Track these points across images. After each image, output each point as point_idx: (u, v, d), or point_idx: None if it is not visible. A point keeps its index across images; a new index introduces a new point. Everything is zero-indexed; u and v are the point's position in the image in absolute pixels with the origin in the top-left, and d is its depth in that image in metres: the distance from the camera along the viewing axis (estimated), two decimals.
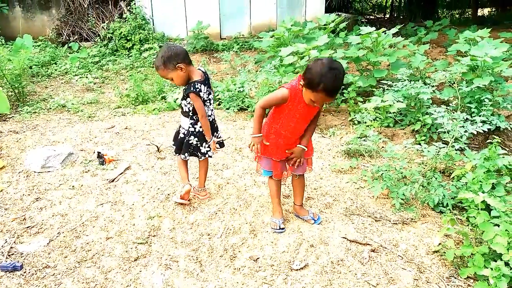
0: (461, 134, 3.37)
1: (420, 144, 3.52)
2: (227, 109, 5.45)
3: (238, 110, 5.42)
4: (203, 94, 2.92)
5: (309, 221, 2.94)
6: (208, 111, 3.02)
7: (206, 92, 2.95)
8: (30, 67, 7.30)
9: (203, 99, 2.94)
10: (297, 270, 2.49)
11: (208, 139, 3.06)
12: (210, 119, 3.05)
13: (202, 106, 2.92)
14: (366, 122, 4.22)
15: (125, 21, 8.79)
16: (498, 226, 2.39)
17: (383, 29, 5.50)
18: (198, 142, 3.08)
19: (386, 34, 5.45)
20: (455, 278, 2.42)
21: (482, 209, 2.45)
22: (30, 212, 3.18)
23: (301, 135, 2.72)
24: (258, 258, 2.60)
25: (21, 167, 3.88)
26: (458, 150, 3.47)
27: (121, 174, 3.74)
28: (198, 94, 2.88)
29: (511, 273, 2.14)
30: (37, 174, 3.77)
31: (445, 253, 2.55)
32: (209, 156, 3.18)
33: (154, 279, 2.46)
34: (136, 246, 2.76)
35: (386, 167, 3.37)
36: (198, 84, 2.88)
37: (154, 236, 2.87)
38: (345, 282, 2.39)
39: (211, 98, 3.05)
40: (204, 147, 3.12)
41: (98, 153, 3.99)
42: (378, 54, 5.35)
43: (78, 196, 3.40)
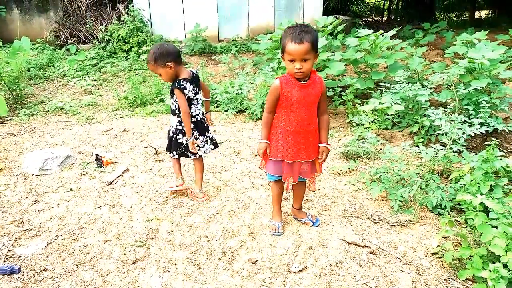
0: (459, 136, 3.38)
1: (418, 146, 3.53)
2: (226, 111, 5.45)
3: (236, 112, 5.42)
4: (188, 92, 3.02)
5: (307, 223, 2.94)
6: (195, 110, 3.12)
7: (192, 90, 3.05)
8: (28, 70, 7.29)
9: (189, 97, 3.04)
10: (295, 272, 2.49)
11: (187, 137, 3.09)
12: (198, 118, 3.15)
13: (185, 103, 3.01)
14: (364, 124, 4.23)
15: (123, 23, 8.80)
16: (496, 228, 2.40)
17: (381, 31, 5.52)
18: (187, 141, 3.13)
19: (383, 36, 5.46)
20: (454, 280, 2.42)
21: (480, 211, 2.45)
22: (28, 214, 3.17)
23: (311, 129, 2.56)
24: (256, 261, 2.60)
25: (19, 170, 3.87)
26: (456, 152, 3.48)
27: (119, 176, 3.73)
28: (182, 91, 2.98)
29: (510, 275, 2.14)
30: (35, 176, 3.76)
31: (443, 255, 2.56)
32: (199, 155, 3.23)
33: (153, 282, 2.45)
34: (134, 249, 2.75)
35: (384, 169, 3.38)
36: (183, 81, 2.99)
37: (152, 238, 2.86)
38: (343, 285, 2.39)
39: (199, 97, 3.14)
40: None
41: (96, 155, 3.98)
42: (376, 57, 5.36)
43: (76, 198, 3.40)
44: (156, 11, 9.48)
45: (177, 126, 3.15)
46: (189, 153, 3.20)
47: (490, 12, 15.54)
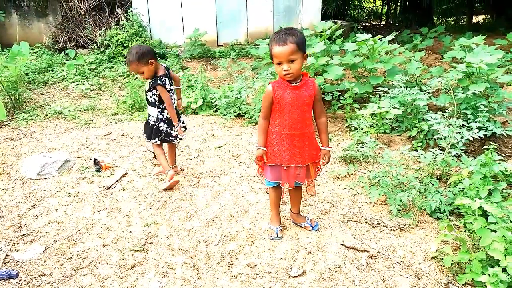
0: (457, 140, 3.39)
1: (416, 150, 3.54)
2: (224, 115, 5.45)
3: (235, 116, 5.42)
4: (168, 86, 3.44)
5: (306, 227, 2.93)
6: (172, 100, 3.50)
7: (169, 84, 3.46)
8: (27, 74, 7.29)
9: (167, 90, 3.43)
10: (294, 277, 2.48)
11: (175, 124, 3.54)
12: (174, 106, 3.54)
13: (169, 96, 3.43)
14: (362, 129, 4.24)
15: (122, 28, 8.81)
16: (495, 232, 2.40)
17: (379, 36, 5.53)
18: (168, 128, 3.55)
19: (382, 41, 5.48)
20: (453, 284, 2.42)
21: (479, 215, 2.45)
22: (26, 219, 3.16)
23: (305, 132, 2.55)
24: (255, 265, 2.59)
25: (17, 174, 3.86)
26: (454, 156, 3.48)
27: (117, 181, 3.73)
28: (164, 86, 3.39)
29: (509, 279, 2.14)
30: (33, 181, 3.75)
31: (442, 259, 2.55)
32: (179, 138, 3.65)
33: (151, 287, 2.44)
34: (132, 254, 2.74)
35: (383, 173, 3.38)
36: (163, 78, 3.39)
37: (151, 243, 2.85)
38: None
39: (173, 89, 3.56)
40: (174, 131, 3.58)
41: (95, 160, 3.98)
42: (374, 61, 5.38)
43: (74, 203, 3.39)
44: (155, 16, 9.50)
45: (158, 115, 3.52)
46: (170, 137, 3.59)
47: (488, 16, 15.61)
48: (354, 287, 2.39)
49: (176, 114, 3.52)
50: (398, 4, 16.62)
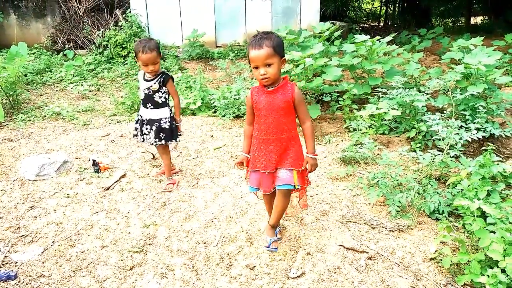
0: (456, 141, 3.39)
1: (415, 151, 3.54)
2: (223, 116, 5.45)
3: (233, 117, 5.42)
4: None
5: (265, 242, 2.75)
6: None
7: None
8: (25, 75, 7.27)
9: None
10: (294, 278, 2.48)
11: (179, 120, 3.50)
12: None
13: None
14: (361, 130, 4.24)
15: (120, 29, 8.80)
16: (494, 233, 2.40)
17: (378, 37, 5.54)
18: (175, 126, 3.47)
19: (380, 42, 5.49)
20: (452, 285, 2.42)
21: (478, 216, 2.46)
22: (25, 220, 3.15)
23: (282, 137, 2.46)
24: (254, 266, 2.59)
25: (15, 175, 3.85)
26: (453, 157, 3.48)
27: (116, 182, 3.72)
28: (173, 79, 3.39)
29: (508, 280, 2.14)
30: (31, 182, 3.74)
31: (441, 260, 2.56)
32: (179, 135, 3.57)
33: None
34: (131, 255, 2.74)
35: (382, 174, 3.38)
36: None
37: (149, 244, 2.85)
38: None
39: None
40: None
41: (93, 161, 3.97)
42: (372, 62, 5.39)
43: (73, 204, 3.38)
44: (153, 17, 9.50)
45: (170, 114, 3.43)
46: (177, 135, 3.52)
47: (486, 18, 15.64)
48: None
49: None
50: (397, 5, 16.65)
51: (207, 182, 3.71)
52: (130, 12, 9.06)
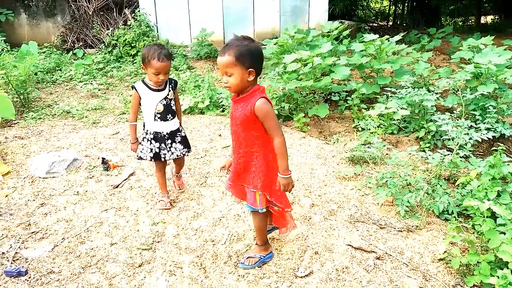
0: (465, 141, 3.37)
1: (424, 151, 3.52)
2: None
3: None
4: None
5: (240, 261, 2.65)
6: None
7: None
8: (35, 74, 7.34)
9: None
10: (301, 277, 2.48)
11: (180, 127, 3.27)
12: None
13: None
14: (370, 129, 4.22)
15: (129, 28, 8.85)
16: (504, 234, 2.38)
17: (387, 36, 5.52)
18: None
19: (389, 41, 5.47)
20: (461, 286, 2.40)
21: (487, 216, 2.44)
22: (35, 217, 3.19)
23: (241, 152, 2.37)
24: (262, 265, 2.59)
25: (26, 173, 3.90)
26: (462, 157, 3.46)
27: (125, 180, 3.75)
28: None
29: None
30: (42, 179, 3.78)
31: (450, 261, 2.54)
32: None
33: (159, 285, 2.45)
34: (140, 252, 2.76)
35: (390, 174, 3.37)
36: None
37: (158, 242, 2.87)
38: None
39: None
40: None
41: (103, 159, 4.00)
42: (381, 61, 5.36)
43: (82, 201, 3.41)
44: (162, 16, 9.53)
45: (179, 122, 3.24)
46: None
47: (496, 17, 15.50)
48: None
49: None
50: (406, 4, 16.55)
51: (215, 181, 3.72)
52: (139, 11, 9.11)
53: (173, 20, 9.60)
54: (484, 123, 3.58)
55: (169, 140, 3.13)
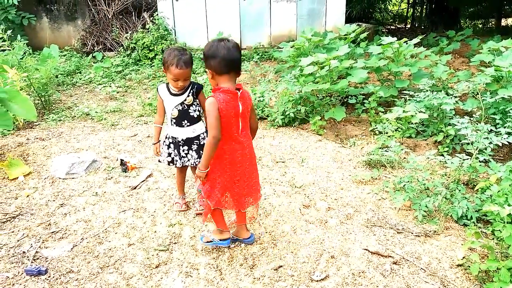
0: (485, 145, 3.31)
1: (443, 155, 3.48)
2: None
3: (258, 119, 5.44)
4: None
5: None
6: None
7: None
8: (56, 76, 7.49)
9: None
10: (317, 281, 2.48)
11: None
12: None
13: None
14: (387, 133, 4.19)
15: (148, 31, 8.96)
16: None
17: (405, 39, 5.47)
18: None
19: (407, 44, 5.42)
20: None
21: (508, 222, 2.40)
22: (55, 217, 3.25)
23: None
24: (278, 268, 2.60)
25: (46, 173, 3.98)
26: (482, 162, 3.40)
27: (143, 181, 3.80)
28: None
29: None
30: (62, 180, 3.86)
31: (469, 267, 2.50)
32: None
33: (175, 286, 2.48)
34: (157, 253, 2.79)
35: (408, 178, 3.34)
36: None
37: (175, 243, 2.89)
38: None
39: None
40: None
41: (121, 160, 4.06)
42: (399, 64, 5.32)
43: (101, 202, 3.47)
44: (180, 20, 9.63)
45: (205, 127, 3.07)
46: None
47: None
48: None
49: None
50: (424, 7, 16.36)
51: None
52: (157, 15, 9.22)
53: (190, 23, 9.69)
54: (504, 127, 3.51)
55: (185, 146, 3.05)
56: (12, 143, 4.70)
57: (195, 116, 3.03)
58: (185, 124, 3.00)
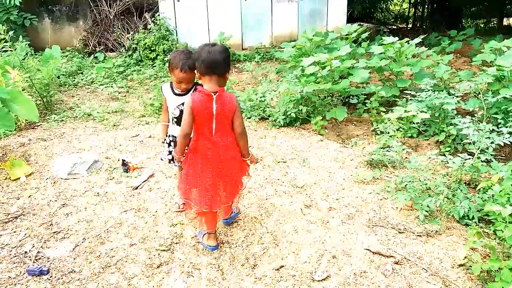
0: (487, 145, 3.31)
1: (444, 155, 3.47)
2: (249, 118, 5.48)
3: (259, 119, 5.44)
4: None
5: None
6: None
7: None
8: (58, 77, 7.50)
9: None
10: (319, 281, 2.48)
11: None
12: None
13: None
14: (389, 132, 4.18)
15: (149, 32, 8.97)
16: None
17: (406, 39, 5.46)
18: None
19: (409, 44, 5.41)
20: None
21: (510, 222, 2.39)
22: (57, 217, 3.26)
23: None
24: (279, 268, 2.60)
25: (48, 174, 3.99)
26: (484, 161, 3.40)
27: (144, 181, 3.80)
28: None
29: None
30: (63, 180, 3.86)
31: (471, 267, 2.50)
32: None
33: (177, 286, 2.48)
34: (159, 253, 2.79)
35: (410, 178, 3.33)
36: None
37: (176, 243, 2.90)
38: None
39: None
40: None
41: (123, 161, 4.07)
42: (401, 64, 5.31)
43: (102, 202, 3.47)
44: (181, 20, 9.64)
45: None
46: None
47: None
48: None
49: None
50: (426, 6, 16.33)
51: None
52: (158, 15, 9.24)
53: (192, 24, 9.70)
54: (506, 127, 3.51)
55: None
56: (14, 144, 4.71)
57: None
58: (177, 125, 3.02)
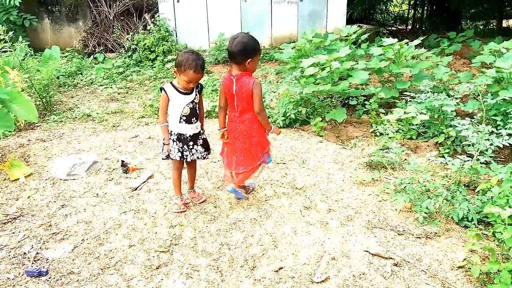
0: (486, 147, 3.31)
1: (444, 157, 3.47)
2: None
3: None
4: None
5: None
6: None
7: None
8: (58, 78, 7.51)
9: None
10: (318, 283, 2.47)
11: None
12: None
13: None
14: (388, 134, 4.18)
15: (149, 33, 8.98)
16: None
17: (406, 40, 5.47)
18: None
19: (408, 45, 5.41)
20: None
21: (509, 224, 2.39)
22: (56, 218, 3.26)
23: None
24: (279, 270, 2.59)
25: (47, 175, 3.99)
26: (483, 163, 3.40)
27: (144, 182, 3.80)
28: None
29: None
30: (62, 181, 3.86)
31: (470, 268, 2.50)
32: None
33: None
34: (158, 254, 2.79)
35: (409, 180, 3.33)
36: None
37: (175, 244, 2.90)
38: None
39: None
40: None
41: (122, 161, 4.06)
42: (400, 66, 5.32)
43: (102, 203, 3.47)
44: (181, 21, 9.64)
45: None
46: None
47: None
48: None
49: None
50: (425, 8, 16.35)
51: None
52: (158, 16, 9.24)
53: (192, 25, 9.70)
54: (505, 129, 3.51)
55: (191, 142, 3.17)
56: (13, 144, 4.71)
57: (198, 113, 3.21)
58: (193, 120, 3.15)
